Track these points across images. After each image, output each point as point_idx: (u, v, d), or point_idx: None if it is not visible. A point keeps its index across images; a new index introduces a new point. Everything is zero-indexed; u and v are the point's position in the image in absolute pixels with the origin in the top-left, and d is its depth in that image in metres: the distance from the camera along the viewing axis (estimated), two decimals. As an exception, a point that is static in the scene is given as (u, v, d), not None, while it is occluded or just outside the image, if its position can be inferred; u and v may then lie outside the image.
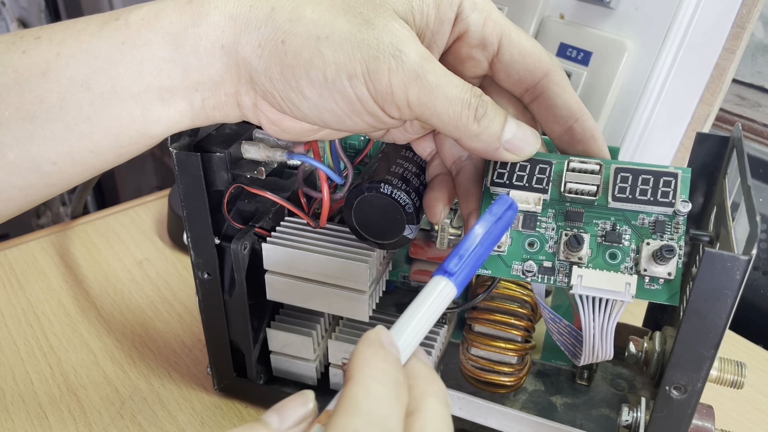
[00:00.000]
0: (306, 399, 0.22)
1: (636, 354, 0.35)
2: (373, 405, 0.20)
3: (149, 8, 0.28)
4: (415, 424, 0.21)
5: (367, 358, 0.21)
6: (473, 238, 0.26)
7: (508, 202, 0.27)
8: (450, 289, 0.24)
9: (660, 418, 0.31)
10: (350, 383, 0.21)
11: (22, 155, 0.28)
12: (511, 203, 0.27)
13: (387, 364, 0.21)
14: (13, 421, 0.43)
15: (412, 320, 0.23)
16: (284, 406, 0.22)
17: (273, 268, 0.38)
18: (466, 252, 0.25)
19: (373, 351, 0.22)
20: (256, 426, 0.21)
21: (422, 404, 0.21)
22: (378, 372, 0.21)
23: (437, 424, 0.21)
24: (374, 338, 0.22)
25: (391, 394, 0.21)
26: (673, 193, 0.29)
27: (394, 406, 0.21)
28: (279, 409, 0.22)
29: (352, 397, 0.20)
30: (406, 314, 0.24)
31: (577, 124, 0.32)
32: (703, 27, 0.44)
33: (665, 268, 0.28)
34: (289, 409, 0.22)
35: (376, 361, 0.21)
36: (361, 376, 0.21)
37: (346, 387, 0.21)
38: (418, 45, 0.27)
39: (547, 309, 0.34)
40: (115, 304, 0.53)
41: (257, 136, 0.37)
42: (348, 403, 0.20)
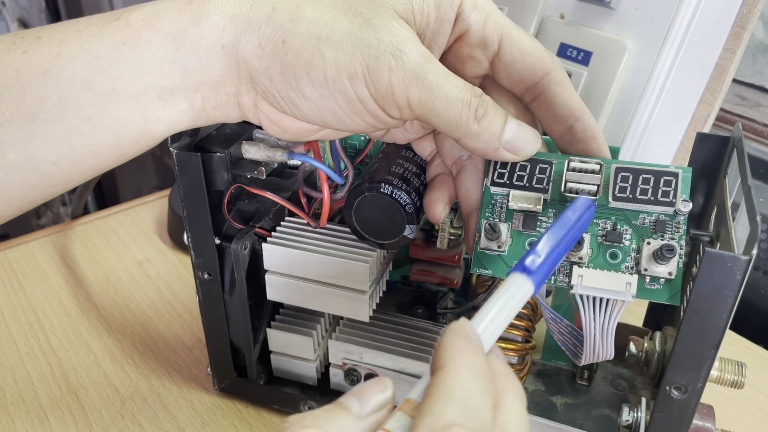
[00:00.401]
0: (385, 385, 0.22)
1: (636, 354, 0.35)
2: (468, 395, 0.20)
3: (150, 8, 0.28)
4: (497, 419, 0.21)
5: (458, 348, 0.21)
6: (551, 237, 0.25)
7: (587, 203, 0.27)
8: (528, 286, 0.24)
9: (660, 418, 0.31)
10: (442, 372, 0.20)
11: (22, 155, 0.28)
12: (590, 204, 0.27)
13: (477, 357, 0.21)
14: (13, 421, 0.43)
15: (491, 315, 0.23)
16: (363, 390, 0.21)
17: (273, 268, 0.38)
18: (543, 250, 0.25)
19: (464, 343, 0.21)
20: (336, 410, 0.21)
21: (503, 401, 0.21)
22: (470, 364, 0.21)
23: (518, 421, 0.21)
24: (462, 329, 0.22)
25: (483, 387, 0.20)
26: (673, 193, 0.29)
27: (486, 399, 0.20)
28: (358, 394, 0.21)
29: (446, 386, 0.20)
30: (485, 309, 0.23)
31: (577, 124, 0.32)
32: (703, 27, 0.44)
33: (666, 268, 0.28)
34: (368, 394, 0.21)
35: (468, 353, 0.21)
36: (453, 365, 0.20)
37: (438, 375, 0.20)
38: (418, 45, 0.27)
39: (547, 309, 0.34)
40: (116, 304, 0.53)
41: (257, 136, 0.37)
42: (442, 392, 0.20)
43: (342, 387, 0.41)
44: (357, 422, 0.20)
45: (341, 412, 0.21)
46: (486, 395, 0.20)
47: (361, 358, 0.40)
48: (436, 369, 0.21)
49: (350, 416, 0.20)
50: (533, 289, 0.24)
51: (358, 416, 0.21)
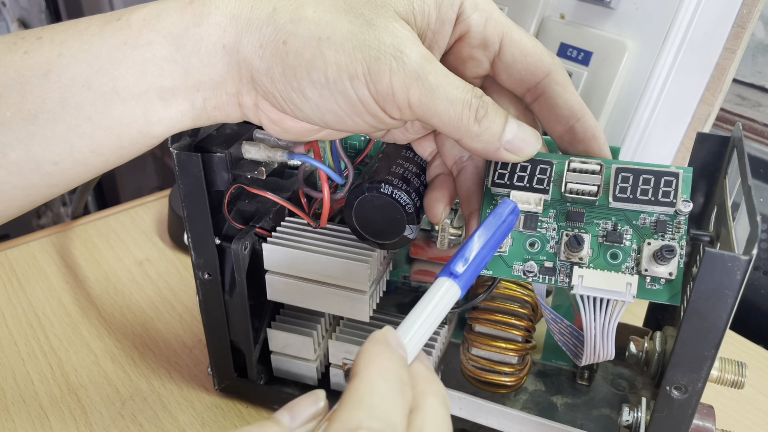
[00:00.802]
0: (317, 398, 0.22)
1: (636, 354, 0.35)
2: (377, 400, 0.20)
3: (151, 8, 0.28)
4: (415, 420, 0.21)
5: (373, 355, 0.22)
6: (477, 241, 0.26)
7: (510, 205, 0.28)
8: (455, 290, 0.25)
9: (661, 418, 0.31)
10: (355, 379, 0.21)
11: (23, 155, 0.28)
12: (514, 207, 0.28)
13: (392, 362, 0.22)
14: (14, 421, 0.43)
15: (418, 321, 0.24)
16: (295, 404, 0.22)
17: (273, 268, 0.38)
18: (470, 254, 0.26)
19: (380, 349, 0.22)
20: (267, 424, 0.21)
21: (422, 403, 0.22)
22: (383, 369, 0.21)
23: (436, 422, 0.22)
24: (381, 337, 0.23)
25: (395, 391, 0.21)
26: (674, 193, 0.29)
27: (397, 401, 0.21)
28: (290, 408, 0.22)
29: (357, 391, 0.21)
30: (412, 315, 0.24)
31: (578, 124, 0.32)
32: (703, 27, 0.44)
33: (666, 268, 0.28)
34: (300, 407, 0.22)
35: (382, 359, 0.22)
36: (366, 372, 0.21)
37: (351, 382, 0.21)
38: (419, 46, 0.27)
39: (548, 309, 0.34)
40: (116, 304, 0.53)
41: (258, 137, 0.37)
42: (352, 398, 0.20)
43: (342, 387, 0.42)
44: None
45: (271, 426, 0.21)
46: (397, 397, 0.21)
47: (362, 358, 0.40)
48: (351, 376, 0.21)
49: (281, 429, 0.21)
50: (460, 292, 0.25)
51: (289, 429, 0.21)
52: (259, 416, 0.43)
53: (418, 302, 0.24)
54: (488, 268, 0.31)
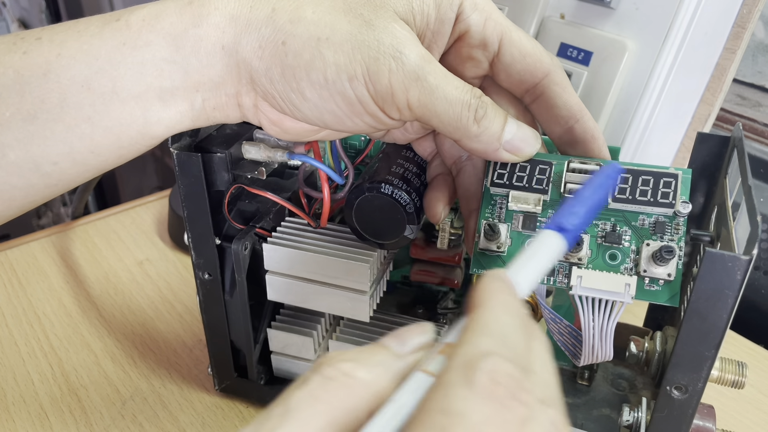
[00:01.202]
0: (425, 329, 0.21)
1: (637, 354, 0.35)
2: (504, 328, 0.20)
3: (150, 9, 0.28)
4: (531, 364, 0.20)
5: (495, 290, 0.21)
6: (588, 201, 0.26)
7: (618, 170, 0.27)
8: (562, 246, 0.24)
9: (661, 418, 0.31)
10: (478, 309, 0.20)
11: (22, 156, 0.28)
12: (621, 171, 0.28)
13: (513, 298, 0.21)
14: (14, 421, 0.43)
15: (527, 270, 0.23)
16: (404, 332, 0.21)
17: (274, 268, 0.38)
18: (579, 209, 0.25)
19: (500, 285, 0.21)
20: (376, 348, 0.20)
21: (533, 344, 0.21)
22: (506, 303, 0.20)
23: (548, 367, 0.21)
24: (498, 275, 0.22)
25: (519, 325, 0.20)
26: (673, 194, 0.29)
27: (522, 335, 0.20)
28: (398, 335, 0.21)
29: (483, 319, 0.20)
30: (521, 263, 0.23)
31: (577, 125, 0.32)
32: (703, 27, 0.44)
33: (665, 269, 0.28)
34: (409, 335, 0.21)
35: (503, 294, 0.21)
36: (490, 303, 0.20)
37: (475, 313, 0.20)
38: (418, 46, 0.27)
39: (547, 309, 0.34)
40: (116, 304, 0.53)
41: (258, 137, 0.37)
42: (479, 325, 0.19)
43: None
44: (396, 360, 0.20)
45: (380, 350, 0.20)
46: (521, 331, 0.20)
47: (362, 358, 0.40)
48: (471, 308, 0.20)
49: (389, 354, 0.20)
50: (566, 248, 0.24)
51: (398, 354, 0.20)
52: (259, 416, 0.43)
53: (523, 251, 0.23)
54: (487, 268, 0.31)
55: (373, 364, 0.19)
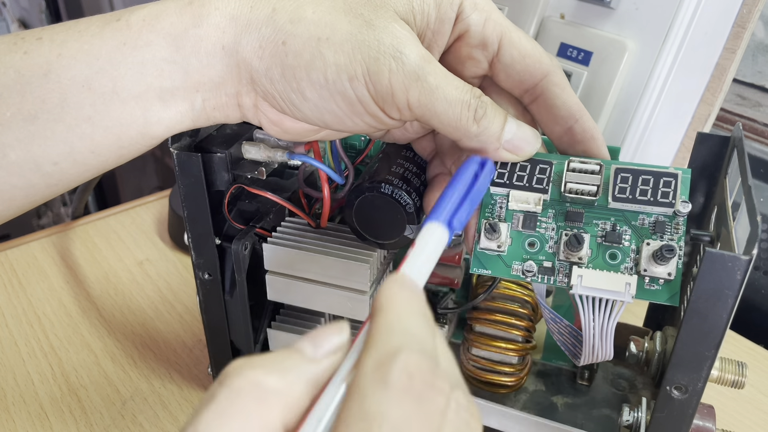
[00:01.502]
0: (341, 328, 0.20)
1: (637, 354, 0.35)
2: (409, 324, 0.19)
3: (150, 9, 0.28)
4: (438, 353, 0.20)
5: (394, 293, 0.20)
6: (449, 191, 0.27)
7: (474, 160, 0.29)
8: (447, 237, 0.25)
9: (661, 418, 0.31)
10: (380, 313, 0.20)
11: (23, 156, 0.28)
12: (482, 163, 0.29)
13: (414, 300, 0.21)
14: (14, 421, 0.43)
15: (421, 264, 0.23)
16: (318, 334, 0.20)
17: (274, 268, 0.38)
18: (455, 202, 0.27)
19: (398, 288, 0.21)
20: (287, 352, 0.19)
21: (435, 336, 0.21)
22: (407, 303, 0.20)
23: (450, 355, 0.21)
24: (397, 278, 0.21)
25: (423, 321, 0.20)
26: (673, 194, 0.29)
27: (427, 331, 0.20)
28: (313, 338, 0.20)
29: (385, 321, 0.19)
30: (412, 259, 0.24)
31: (577, 125, 0.32)
32: (703, 27, 0.44)
33: (665, 269, 0.28)
34: (323, 336, 0.20)
35: (403, 296, 0.20)
36: (390, 305, 0.20)
37: (376, 317, 0.20)
38: (418, 46, 0.27)
39: (547, 309, 0.34)
40: (116, 304, 0.53)
41: (258, 137, 0.37)
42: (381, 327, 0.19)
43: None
44: (309, 365, 0.19)
45: (292, 354, 0.19)
46: (424, 323, 0.20)
47: (362, 358, 0.40)
48: (374, 314, 0.20)
49: (302, 358, 0.19)
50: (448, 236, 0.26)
51: (312, 358, 0.19)
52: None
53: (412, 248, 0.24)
54: (488, 268, 0.31)
55: (285, 371, 0.18)
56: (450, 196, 0.27)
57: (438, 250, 0.25)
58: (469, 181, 0.28)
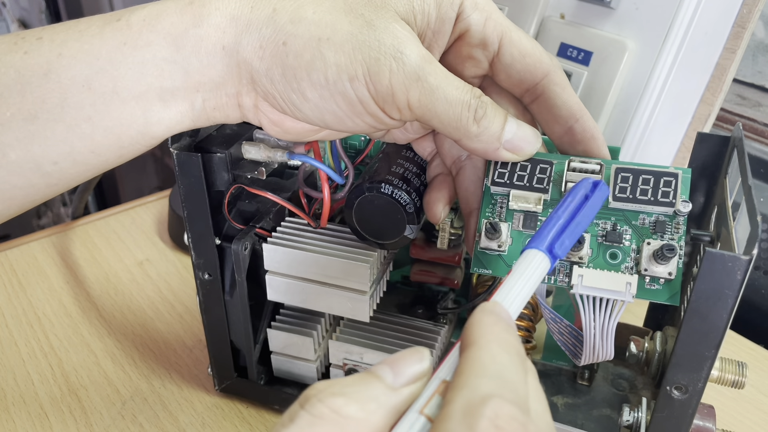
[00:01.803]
0: (422, 356, 0.20)
1: (637, 354, 0.35)
2: (502, 369, 0.19)
3: (150, 9, 0.28)
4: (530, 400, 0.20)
5: (489, 325, 0.20)
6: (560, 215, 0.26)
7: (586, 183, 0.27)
8: (546, 264, 0.24)
9: (661, 418, 0.31)
10: (474, 348, 0.19)
11: (23, 155, 0.28)
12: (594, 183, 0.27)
13: (510, 334, 0.20)
14: (14, 421, 0.43)
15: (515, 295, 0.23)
16: (398, 360, 0.20)
17: (274, 268, 0.38)
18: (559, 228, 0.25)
19: (494, 320, 0.20)
20: (368, 379, 0.19)
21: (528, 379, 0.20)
22: (503, 341, 0.20)
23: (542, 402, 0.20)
24: (493, 308, 0.21)
25: (517, 363, 0.19)
26: (673, 194, 0.29)
27: (521, 374, 0.19)
28: (393, 364, 0.20)
29: (479, 360, 0.19)
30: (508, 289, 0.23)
31: (577, 125, 0.32)
32: (703, 27, 0.44)
33: (666, 268, 0.28)
34: (403, 364, 0.19)
35: (499, 329, 0.20)
36: (484, 341, 0.19)
37: (470, 351, 0.19)
38: (418, 46, 0.27)
39: (547, 309, 0.34)
40: (116, 304, 0.53)
41: (258, 137, 0.37)
42: (475, 365, 0.19)
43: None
44: (390, 394, 0.19)
45: (373, 381, 0.19)
46: (521, 371, 0.19)
47: (362, 358, 0.40)
48: (466, 346, 0.20)
49: (383, 386, 0.19)
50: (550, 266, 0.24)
51: (392, 387, 0.19)
52: (259, 417, 0.43)
53: (509, 274, 0.23)
54: (488, 268, 0.31)
55: (365, 400, 0.18)
56: (554, 222, 0.25)
57: (536, 280, 0.23)
58: (576, 205, 0.26)
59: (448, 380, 0.20)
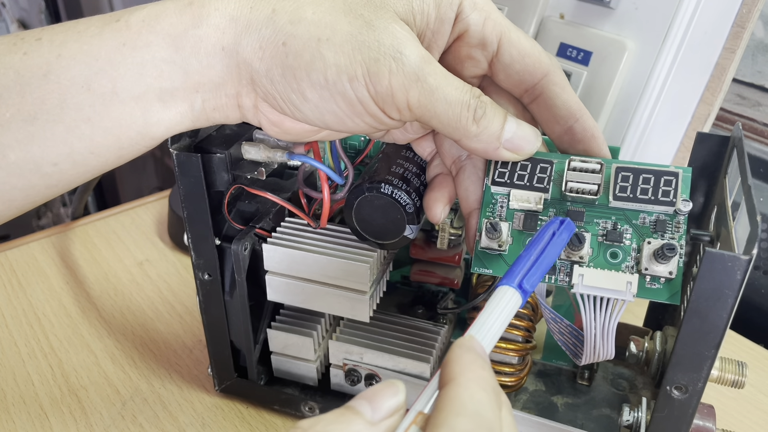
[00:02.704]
0: (396, 389, 0.21)
1: (637, 354, 0.35)
2: (480, 408, 0.20)
3: (150, 10, 0.28)
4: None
5: (468, 363, 0.21)
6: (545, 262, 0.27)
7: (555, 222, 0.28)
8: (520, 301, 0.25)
9: (661, 418, 0.31)
10: (453, 385, 0.20)
11: (22, 156, 0.28)
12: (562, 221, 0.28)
13: (486, 372, 0.21)
14: (14, 422, 0.43)
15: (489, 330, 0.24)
16: (375, 395, 0.21)
17: (273, 268, 0.38)
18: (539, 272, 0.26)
19: (473, 357, 0.22)
20: (348, 415, 0.20)
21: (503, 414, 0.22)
22: (480, 378, 0.21)
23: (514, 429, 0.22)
24: (470, 345, 0.22)
25: (494, 401, 0.21)
26: (674, 192, 0.29)
27: (497, 412, 0.20)
28: (370, 399, 0.21)
29: (458, 398, 0.20)
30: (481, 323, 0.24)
31: (577, 124, 0.32)
32: (703, 26, 0.44)
33: (666, 267, 0.28)
34: (381, 398, 0.21)
35: (476, 367, 0.21)
36: (463, 379, 0.21)
37: (449, 388, 0.20)
38: (418, 47, 0.27)
39: (548, 309, 0.34)
40: (116, 305, 0.53)
41: (257, 137, 0.37)
42: (455, 404, 0.20)
43: (342, 388, 0.42)
44: (369, 428, 0.20)
45: (353, 418, 0.20)
46: (496, 408, 0.20)
47: (362, 358, 0.40)
48: (445, 382, 0.21)
49: (363, 422, 0.20)
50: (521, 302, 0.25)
51: (371, 422, 0.20)
52: (259, 417, 0.43)
53: (483, 310, 0.24)
54: (488, 267, 0.31)
55: None
56: (525, 259, 0.26)
57: (509, 315, 0.25)
58: (546, 242, 0.27)
59: (426, 412, 0.21)
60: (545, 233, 0.28)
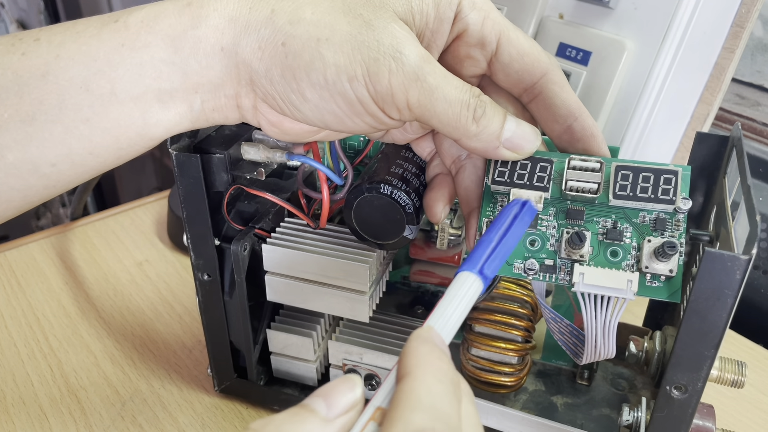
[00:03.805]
0: (353, 384, 0.20)
1: (636, 354, 0.35)
2: (437, 401, 0.19)
3: (148, 10, 0.28)
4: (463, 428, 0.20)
5: (424, 354, 0.21)
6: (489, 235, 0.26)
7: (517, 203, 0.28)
8: (477, 284, 0.25)
9: (661, 418, 0.31)
10: (409, 378, 0.20)
11: (21, 157, 0.28)
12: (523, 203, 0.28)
13: (444, 363, 0.21)
14: (13, 423, 0.43)
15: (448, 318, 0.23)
16: (331, 391, 0.20)
17: (273, 269, 0.38)
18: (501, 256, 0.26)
19: (429, 348, 0.21)
20: (302, 413, 0.20)
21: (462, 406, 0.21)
22: (437, 370, 0.20)
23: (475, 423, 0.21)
24: (427, 336, 0.22)
25: (452, 393, 0.20)
26: (673, 191, 0.29)
27: (455, 404, 0.20)
28: (325, 395, 0.20)
29: (413, 391, 0.19)
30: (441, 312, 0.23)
31: (576, 123, 0.32)
32: (702, 26, 0.44)
33: (667, 265, 0.28)
34: (336, 394, 0.20)
35: (432, 358, 0.21)
36: (419, 372, 0.20)
37: (405, 382, 0.20)
38: (417, 46, 0.27)
39: (547, 308, 0.34)
40: (115, 305, 0.53)
41: (257, 137, 0.37)
42: (409, 398, 0.19)
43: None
44: (324, 426, 0.19)
45: (307, 416, 0.20)
46: (454, 400, 0.20)
47: (361, 358, 0.40)
48: (402, 376, 0.20)
49: (317, 420, 0.19)
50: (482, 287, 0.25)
51: (326, 419, 0.20)
52: (259, 417, 0.43)
53: (443, 298, 0.24)
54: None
55: None
56: (486, 244, 0.26)
57: (469, 302, 0.24)
58: (507, 226, 0.27)
59: (384, 407, 0.20)
60: (506, 216, 0.27)
